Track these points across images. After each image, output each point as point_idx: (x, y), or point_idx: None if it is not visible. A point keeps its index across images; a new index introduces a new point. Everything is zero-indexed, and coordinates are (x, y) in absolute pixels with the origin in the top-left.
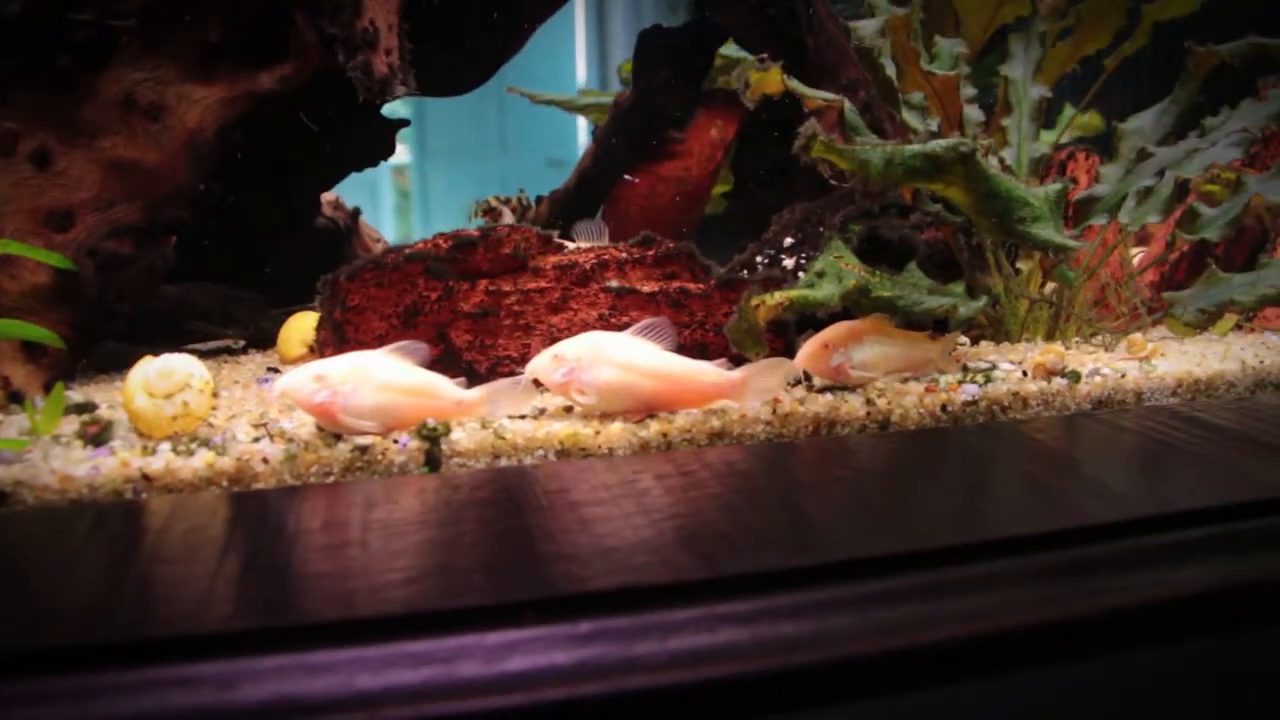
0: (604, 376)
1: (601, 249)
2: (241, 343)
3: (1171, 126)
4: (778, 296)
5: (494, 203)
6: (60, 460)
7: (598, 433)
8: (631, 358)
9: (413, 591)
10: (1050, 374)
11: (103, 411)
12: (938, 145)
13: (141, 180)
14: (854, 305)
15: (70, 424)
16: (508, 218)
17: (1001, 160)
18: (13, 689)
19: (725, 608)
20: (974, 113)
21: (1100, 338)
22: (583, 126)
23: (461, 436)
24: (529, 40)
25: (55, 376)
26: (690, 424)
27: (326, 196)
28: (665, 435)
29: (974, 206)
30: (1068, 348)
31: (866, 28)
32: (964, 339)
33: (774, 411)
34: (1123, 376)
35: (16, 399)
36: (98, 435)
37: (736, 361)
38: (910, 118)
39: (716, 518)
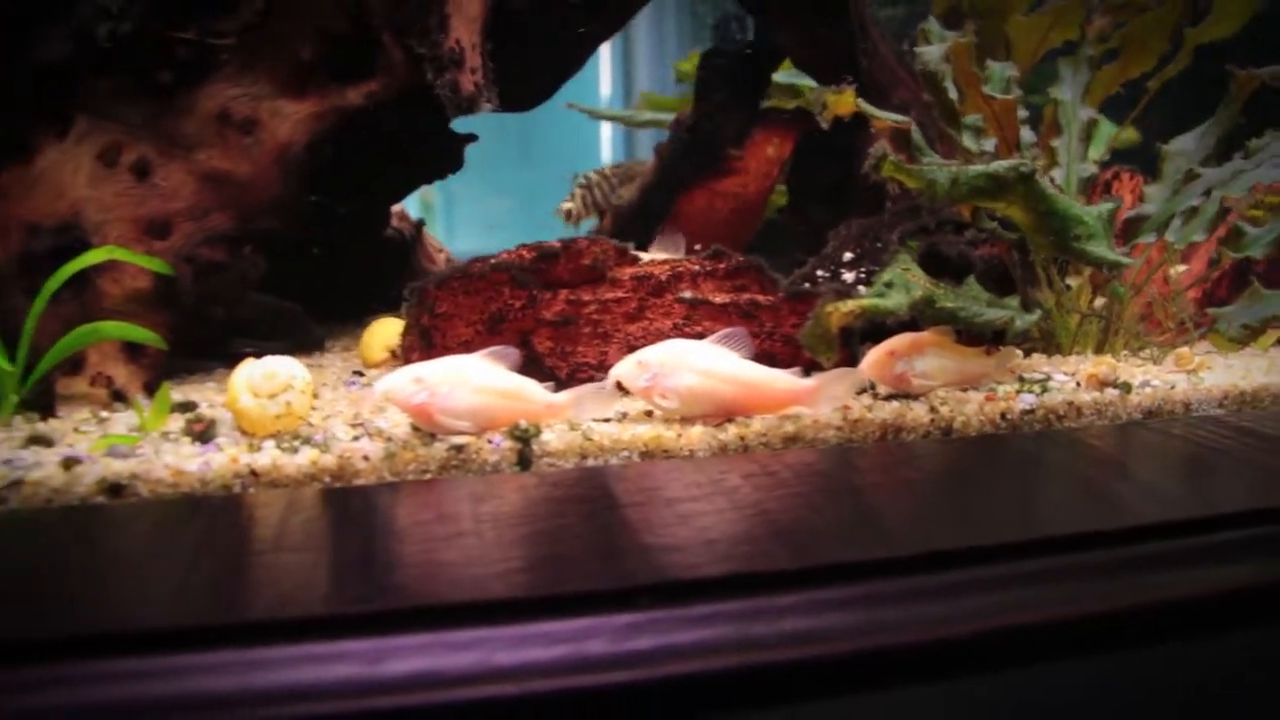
0: (685, 382)
1: (675, 261)
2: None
3: (1214, 148)
4: (851, 304)
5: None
6: (171, 455)
7: (679, 435)
8: (711, 365)
9: (535, 577)
10: (1103, 385)
11: (203, 410)
12: (1000, 166)
13: (234, 191)
14: (920, 315)
15: (174, 422)
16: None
17: (1051, 180)
18: (185, 660)
19: (824, 594)
20: (1027, 134)
21: (1148, 351)
22: (606, 140)
23: (551, 438)
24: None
25: (154, 376)
26: (766, 428)
27: (393, 208)
28: (743, 439)
29: (1033, 224)
30: (1117, 361)
31: (931, 53)
32: (1018, 352)
33: (844, 417)
34: (1172, 388)
35: (119, 397)
36: (203, 433)
37: (806, 371)
38: (965, 139)
39: (803, 514)
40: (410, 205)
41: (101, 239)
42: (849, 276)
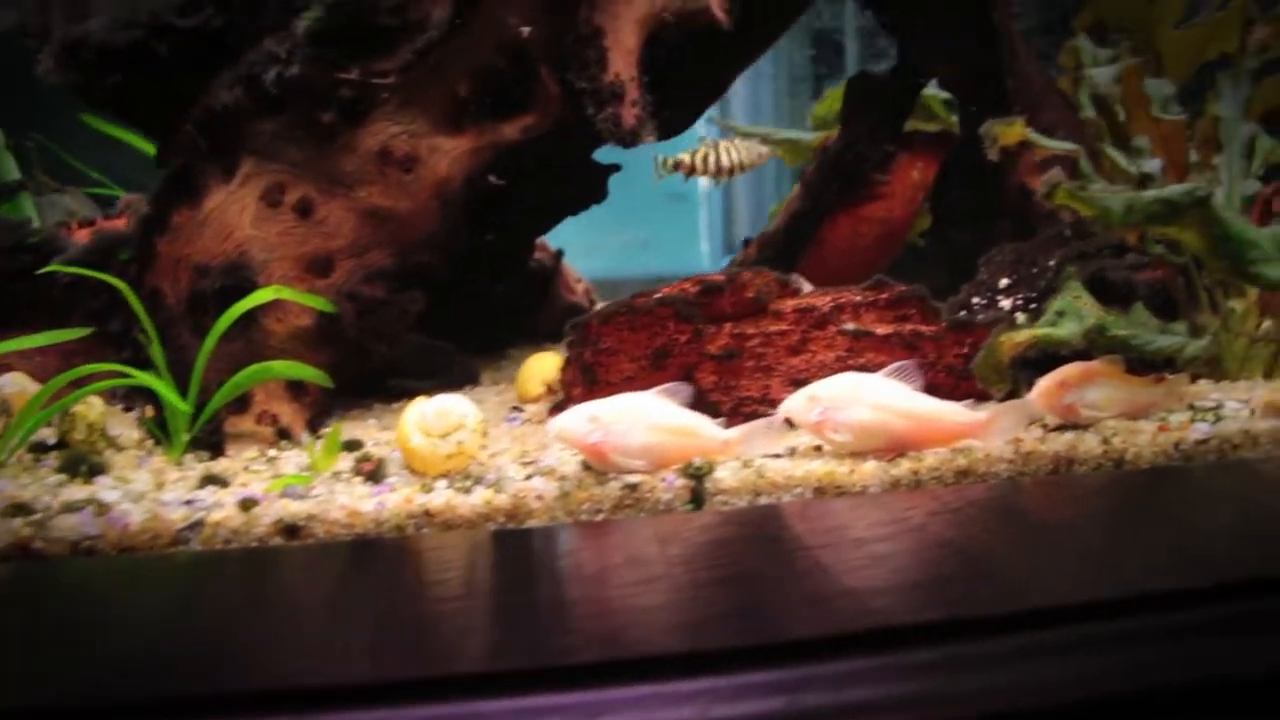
0: (858, 416)
1: (837, 292)
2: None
3: None
4: (1024, 334)
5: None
6: (346, 496)
7: (852, 471)
8: (884, 398)
9: (743, 624)
10: None
11: (370, 449)
12: (1175, 191)
13: (394, 227)
14: (1092, 344)
15: (342, 461)
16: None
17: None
18: (389, 714)
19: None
20: (1191, 154)
21: None
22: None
23: (724, 475)
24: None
25: (316, 415)
26: (938, 462)
27: None
28: (915, 473)
29: (1207, 249)
30: None
31: (1102, 74)
32: (1187, 380)
33: (1016, 450)
34: None
35: (284, 436)
36: (374, 472)
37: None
38: (1120, 160)
39: (1002, 551)
40: None
41: (266, 278)
42: (1006, 303)
